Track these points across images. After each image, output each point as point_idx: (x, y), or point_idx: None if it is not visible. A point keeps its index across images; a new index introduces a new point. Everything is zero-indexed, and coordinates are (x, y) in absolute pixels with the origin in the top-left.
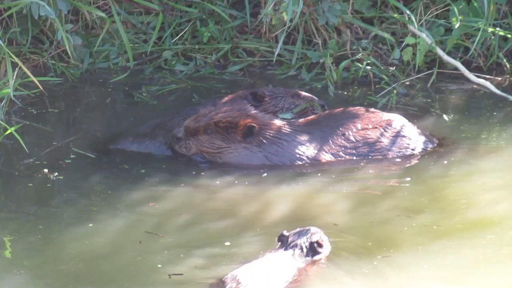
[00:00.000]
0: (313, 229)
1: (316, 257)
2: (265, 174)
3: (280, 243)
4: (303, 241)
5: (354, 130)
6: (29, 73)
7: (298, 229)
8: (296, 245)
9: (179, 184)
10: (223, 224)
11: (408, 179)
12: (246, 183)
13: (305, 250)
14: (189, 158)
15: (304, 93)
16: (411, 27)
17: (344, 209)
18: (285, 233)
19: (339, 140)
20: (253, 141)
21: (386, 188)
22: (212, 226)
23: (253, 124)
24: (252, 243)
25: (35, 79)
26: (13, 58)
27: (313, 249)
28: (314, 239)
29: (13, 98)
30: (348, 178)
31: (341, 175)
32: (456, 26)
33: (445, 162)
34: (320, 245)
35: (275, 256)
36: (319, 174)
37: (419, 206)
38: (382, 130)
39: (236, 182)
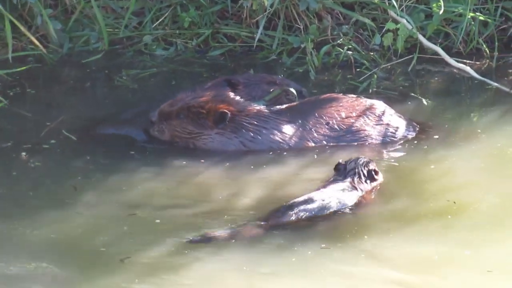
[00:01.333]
0: (367, 158)
1: (374, 184)
2: (240, 160)
3: (337, 172)
4: (362, 169)
5: (335, 117)
6: (29, 35)
7: (353, 158)
8: (355, 173)
9: (154, 169)
10: (196, 210)
11: (386, 164)
12: (221, 168)
13: (363, 177)
14: (166, 144)
15: (280, 79)
16: (391, 13)
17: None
18: (342, 162)
19: (322, 128)
20: (227, 127)
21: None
22: (184, 212)
23: (225, 111)
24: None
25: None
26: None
27: (371, 176)
28: (371, 167)
29: None
30: (326, 163)
31: (319, 161)
32: (440, 12)
33: (425, 147)
34: (376, 173)
35: (336, 184)
36: (296, 160)
37: (395, 191)
38: (365, 118)
39: (211, 167)
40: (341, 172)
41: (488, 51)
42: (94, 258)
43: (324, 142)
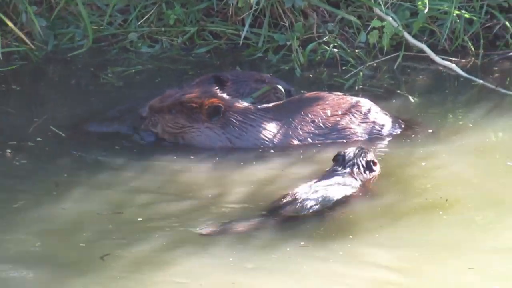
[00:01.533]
0: (365, 148)
1: (372, 174)
2: (227, 157)
3: (335, 162)
4: (360, 160)
5: (321, 115)
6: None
7: (351, 149)
8: (354, 164)
9: (141, 166)
10: (182, 207)
11: None
12: (208, 165)
13: (362, 168)
14: (153, 141)
15: (269, 77)
16: (377, 10)
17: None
18: (341, 152)
19: (307, 126)
20: (217, 122)
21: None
22: (170, 209)
23: (219, 104)
24: (209, 225)
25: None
26: None
27: (369, 167)
28: (369, 158)
29: None
30: (312, 161)
31: (305, 158)
32: (426, 10)
33: (410, 143)
34: (374, 164)
35: (335, 174)
36: (282, 157)
37: (382, 188)
38: (351, 116)
39: (197, 165)
40: (340, 162)
41: (473, 49)
42: (77, 254)
43: (310, 140)
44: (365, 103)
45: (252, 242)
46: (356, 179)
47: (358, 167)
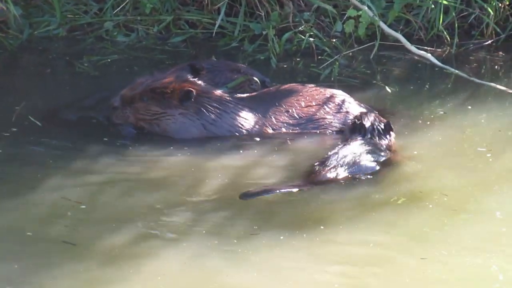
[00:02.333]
0: (375, 112)
1: (391, 138)
2: (203, 146)
3: (353, 131)
4: (378, 124)
5: (297, 106)
6: None
7: (366, 115)
8: (373, 129)
9: (116, 155)
10: (156, 196)
11: None
12: (182, 155)
13: (382, 132)
14: (131, 130)
15: (244, 68)
16: (353, 0)
17: (279, 181)
18: (357, 120)
19: (282, 115)
20: (190, 107)
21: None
22: (145, 198)
23: (190, 89)
24: (182, 215)
25: None
26: None
27: (388, 129)
28: (385, 120)
29: None
30: (287, 151)
31: (280, 148)
32: None
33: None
34: (390, 126)
35: (359, 142)
36: (257, 146)
37: (354, 178)
38: (325, 106)
39: (172, 154)
40: (358, 130)
41: (449, 38)
42: (48, 245)
43: (284, 130)
44: (339, 94)
45: (224, 232)
46: (379, 144)
47: (379, 132)
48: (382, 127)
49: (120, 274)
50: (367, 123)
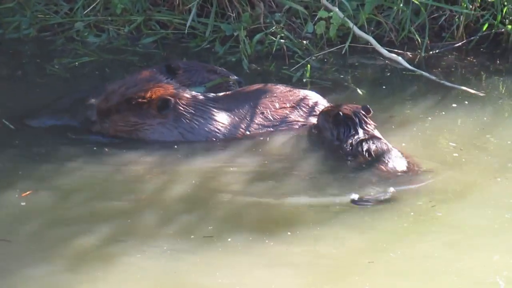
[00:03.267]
0: (351, 104)
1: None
2: (175, 150)
3: (338, 126)
4: (361, 116)
5: (270, 107)
6: None
7: (346, 109)
8: (362, 121)
9: (88, 158)
10: (126, 200)
11: (318, 154)
12: (156, 158)
13: (368, 121)
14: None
15: (220, 69)
16: (324, 1)
17: (252, 185)
18: (340, 114)
19: (257, 117)
20: (168, 116)
21: (296, 163)
22: (114, 202)
23: (168, 97)
24: (151, 218)
25: None
26: None
27: (367, 111)
28: (362, 110)
29: None
30: (260, 153)
31: (254, 150)
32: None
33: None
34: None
35: (359, 136)
36: (230, 149)
37: (330, 181)
38: (298, 108)
39: (146, 157)
40: (344, 124)
41: (420, 40)
42: (19, 249)
43: (259, 131)
44: (312, 96)
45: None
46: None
47: (366, 123)
48: (363, 112)
49: (86, 277)
50: (352, 117)
